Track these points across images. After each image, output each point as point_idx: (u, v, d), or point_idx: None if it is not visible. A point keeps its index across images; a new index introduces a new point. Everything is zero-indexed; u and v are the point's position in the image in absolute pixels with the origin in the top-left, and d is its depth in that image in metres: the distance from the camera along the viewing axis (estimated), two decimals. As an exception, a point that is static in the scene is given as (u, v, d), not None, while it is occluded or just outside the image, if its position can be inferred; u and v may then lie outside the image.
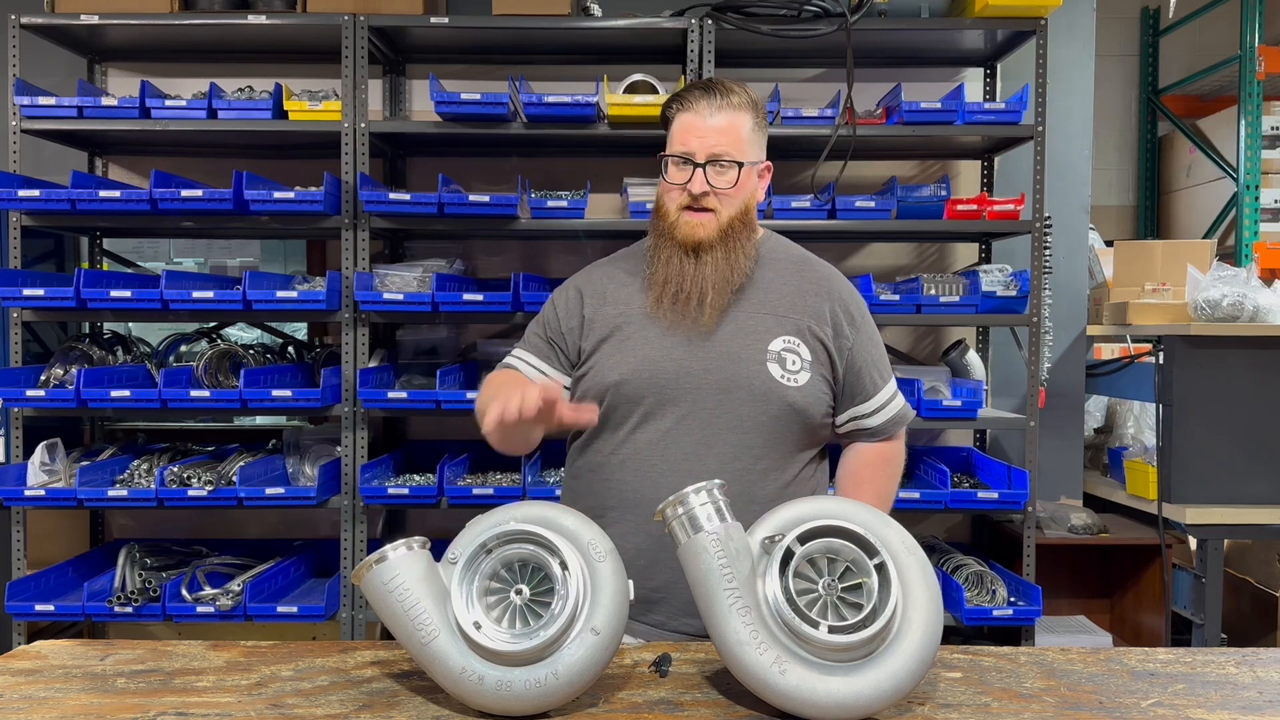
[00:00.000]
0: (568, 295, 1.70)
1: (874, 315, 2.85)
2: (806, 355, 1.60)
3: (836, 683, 1.12)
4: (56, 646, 1.41)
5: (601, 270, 1.72)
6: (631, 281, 1.66)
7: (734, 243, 1.59)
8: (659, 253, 1.61)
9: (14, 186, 2.79)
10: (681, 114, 1.60)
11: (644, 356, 1.58)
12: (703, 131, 1.56)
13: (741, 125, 1.58)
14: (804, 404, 1.59)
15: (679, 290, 1.58)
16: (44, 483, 2.86)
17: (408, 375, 3.09)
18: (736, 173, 1.57)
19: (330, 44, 2.96)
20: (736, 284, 1.60)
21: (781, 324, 1.61)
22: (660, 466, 1.57)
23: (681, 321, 1.58)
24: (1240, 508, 3.04)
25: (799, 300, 1.63)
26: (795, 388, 1.58)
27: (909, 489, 2.90)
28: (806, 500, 1.27)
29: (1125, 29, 5.15)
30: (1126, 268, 3.49)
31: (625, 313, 1.63)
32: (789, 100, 3.13)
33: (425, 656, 1.18)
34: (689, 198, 1.57)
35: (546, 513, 1.25)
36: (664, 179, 1.61)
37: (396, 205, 2.83)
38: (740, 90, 1.60)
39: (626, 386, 1.57)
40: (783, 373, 1.57)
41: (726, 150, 1.56)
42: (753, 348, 1.58)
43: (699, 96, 1.59)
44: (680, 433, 1.57)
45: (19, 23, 2.91)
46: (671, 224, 1.59)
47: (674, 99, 1.62)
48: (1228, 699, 1.23)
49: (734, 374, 1.57)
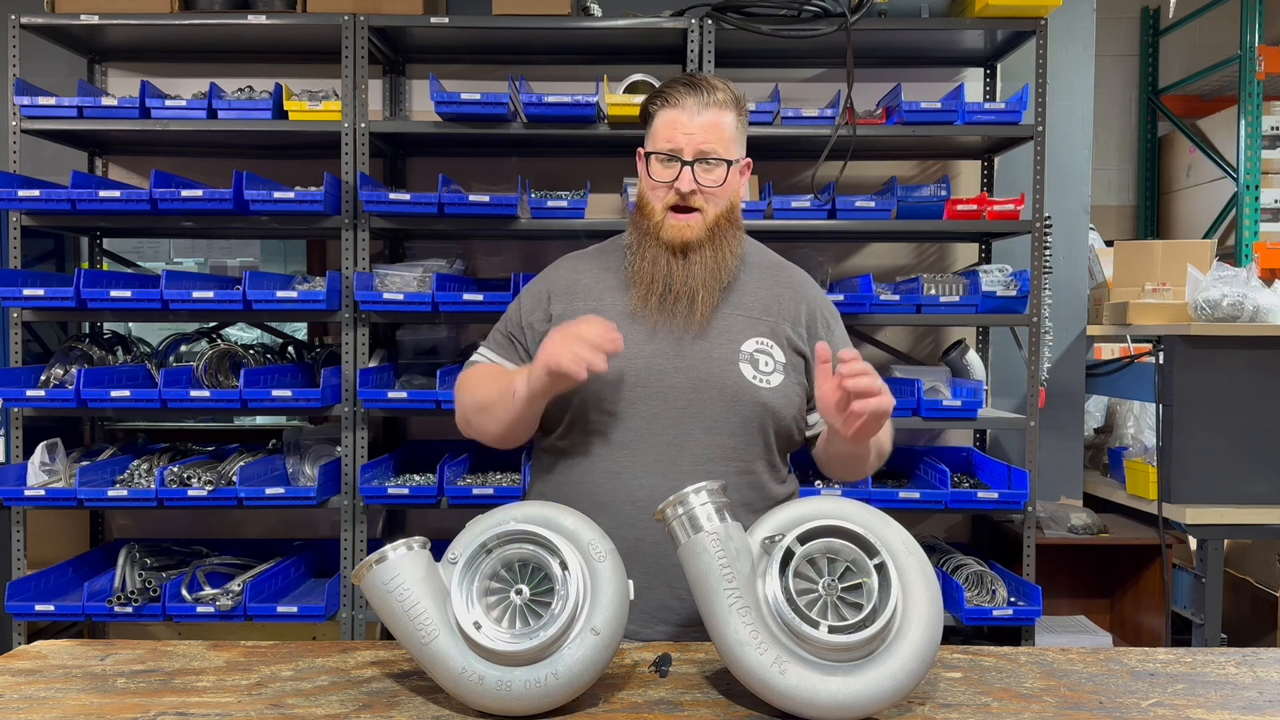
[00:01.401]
0: (534, 291, 1.66)
1: (874, 315, 2.94)
2: (780, 357, 1.58)
3: (836, 683, 1.12)
4: (56, 646, 1.41)
5: (568, 265, 1.69)
6: (604, 277, 1.63)
7: (722, 241, 1.57)
8: (643, 251, 1.57)
9: (14, 186, 2.79)
10: (666, 110, 1.56)
11: (617, 354, 1.55)
12: (690, 129, 1.53)
13: (727, 123, 1.56)
14: (776, 405, 1.56)
15: (667, 290, 1.55)
16: (44, 483, 2.86)
17: (408, 375, 3.09)
18: (724, 171, 1.55)
19: (330, 44, 2.96)
20: (725, 283, 1.58)
21: (755, 326, 1.59)
22: (632, 467, 1.54)
23: (669, 322, 1.56)
24: (1240, 508, 3.04)
25: (773, 303, 1.61)
26: (768, 389, 1.55)
27: (909, 489, 2.90)
28: (806, 500, 1.27)
29: (1125, 29, 5.15)
30: (1126, 268, 3.49)
31: (597, 309, 1.58)
32: (789, 100, 3.13)
33: (425, 656, 1.18)
34: (676, 196, 1.54)
35: (546, 513, 1.25)
36: (647, 176, 1.58)
37: (396, 205, 2.83)
38: (724, 87, 1.57)
39: (595, 383, 1.51)
40: (755, 373, 1.55)
41: (714, 148, 1.54)
42: (725, 348, 1.56)
43: (685, 93, 1.55)
44: (652, 432, 1.54)
45: (19, 23, 2.92)
46: (657, 224, 1.56)
47: (657, 95, 1.58)
48: (1228, 699, 1.23)
49: (707, 374, 1.54)
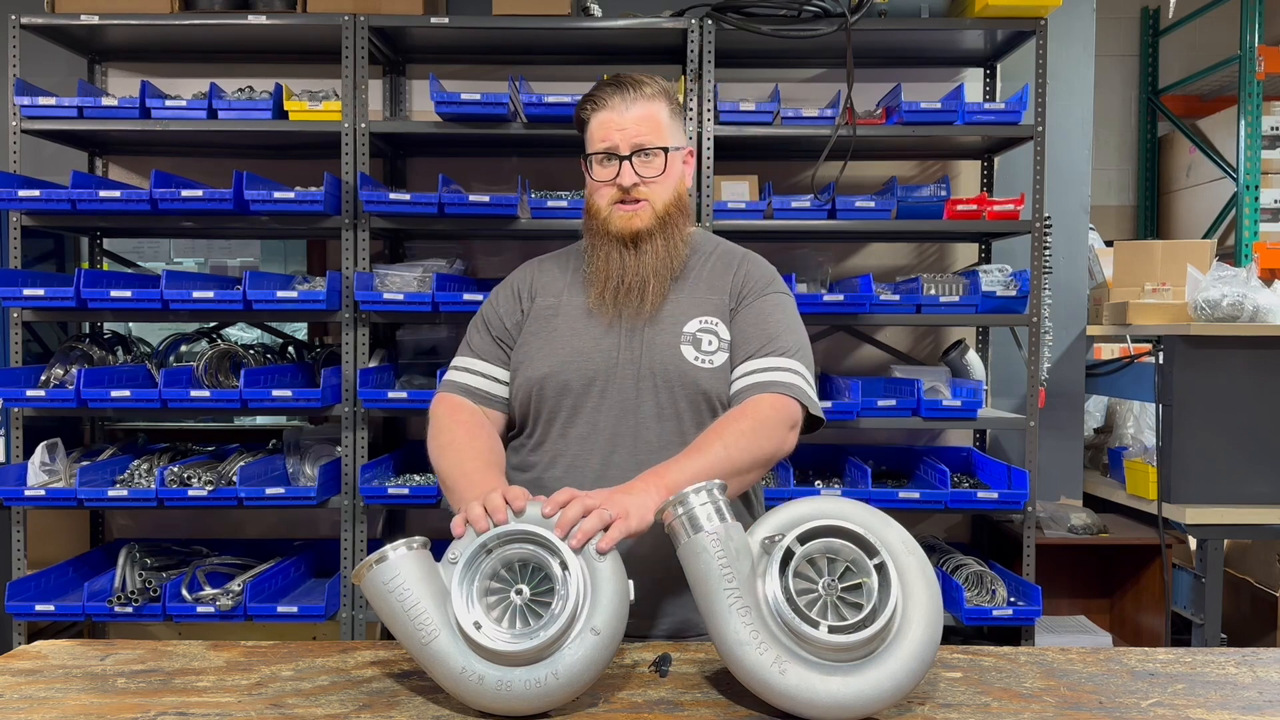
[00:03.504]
0: (506, 293, 1.68)
1: (874, 315, 2.93)
2: (725, 334, 1.57)
3: (836, 683, 1.12)
4: (56, 646, 1.41)
5: (529, 267, 1.71)
6: (561, 276, 1.65)
7: (672, 229, 1.58)
8: (596, 251, 1.59)
9: (14, 186, 2.79)
10: (597, 113, 1.58)
11: (572, 348, 1.56)
12: (622, 124, 1.55)
13: (659, 113, 1.57)
14: (714, 387, 1.54)
15: (620, 283, 1.56)
16: (44, 483, 2.86)
17: (408, 375, 3.09)
18: (663, 159, 1.57)
19: (330, 44, 2.96)
20: (676, 271, 1.59)
21: (700, 305, 1.59)
22: (591, 461, 1.54)
23: (623, 315, 1.57)
24: (1240, 508, 3.04)
25: (715, 280, 1.61)
26: (708, 369, 1.54)
27: (909, 489, 2.90)
28: (806, 500, 1.27)
29: (1125, 29, 5.15)
30: (1126, 268, 3.49)
31: (554, 305, 1.61)
32: (789, 100, 3.13)
33: (425, 656, 1.18)
34: (619, 192, 1.56)
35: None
36: (590, 179, 1.59)
37: (396, 205, 2.83)
38: (650, 80, 1.59)
39: (552, 380, 1.55)
40: (696, 354, 1.55)
41: (648, 138, 1.55)
42: (669, 332, 1.56)
43: (611, 93, 1.57)
44: (606, 425, 1.54)
45: (19, 23, 2.92)
46: (604, 219, 1.57)
47: (586, 100, 1.60)
48: (1228, 699, 1.23)
49: (650, 361, 1.55)
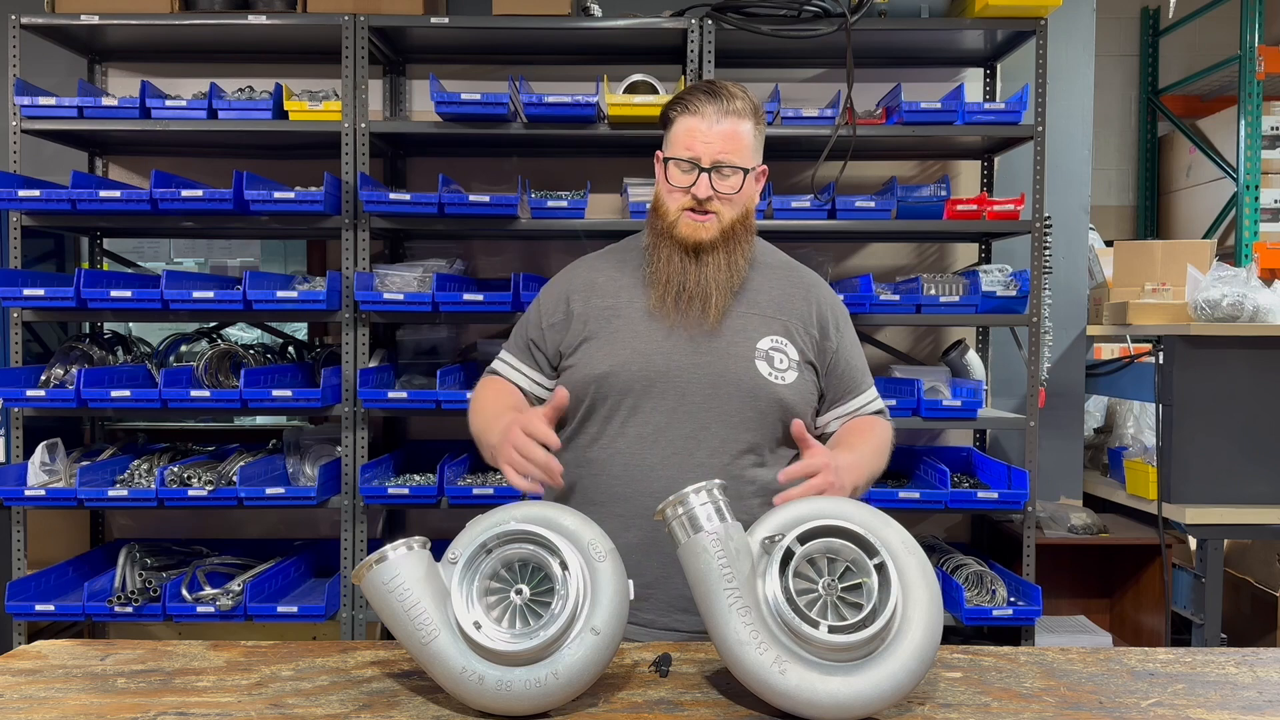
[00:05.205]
0: (553, 293, 1.70)
1: (874, 315, 2.93)
2: (794, 355, 1.61)
3: (836, 683, 1.12)
4: (56, 646, 1.41)
5: (587, 264, 1.72)
6: (621, 275, 1.66)
7: (734, 245, 1.60)
8: (658, 251, 1.61)
9: (14, 186, 2.79)
10: (685, 117, 1.58)
11: (634, 349, 1.59)
12: (708, 137, 1.55)
13: (745, 131, 1.57)
14: (792, 400, 1.60)
15: (681, 290, 1.58)
16: (44, 483, 2.86)
17: (408, 375, 3.09)
18: (741, 179, 1.57)
19: (330, 44, 2.96)
20: (737, 285, 1.61)
21: (769, 324, 1.62)
22: (649, 460, 1.57)
23: (684, 321, 1.59)
24: (1240, 508, 3.04)
25: (786, 303, 1.65)
26: (784, 385, 1.59)
27: (909, 489, 2.90)
28: (806, 500, 1.27)
29: (1125, 29, 5.14)
30: (1126, 268, 3.49)
31: (615, 305, 1.63)
32: (789, 100, 3.13)
33: (425, 656, 1.18)
34: (693, 201, 1.57)
35: (546, 512, 1.25)
36: (665, 180, 1.60)
37: (397, 205, 2.83)
38: (743, 95, 1.59)
39: (614, 378, 1.57)
40: (770, 370, 1.59)
41: (731, 157, 1.56)
42: (741, 345, 1.59)
43: (704, 101, 1.57)
44: (670, 426, 1.57)
45: (19, 23, 2.92)
46: (672, 223, 1.59)
47: (676, 101, 1.61)
48: (1228, 699, 1.23)
49: (724, 370, 1.58)
